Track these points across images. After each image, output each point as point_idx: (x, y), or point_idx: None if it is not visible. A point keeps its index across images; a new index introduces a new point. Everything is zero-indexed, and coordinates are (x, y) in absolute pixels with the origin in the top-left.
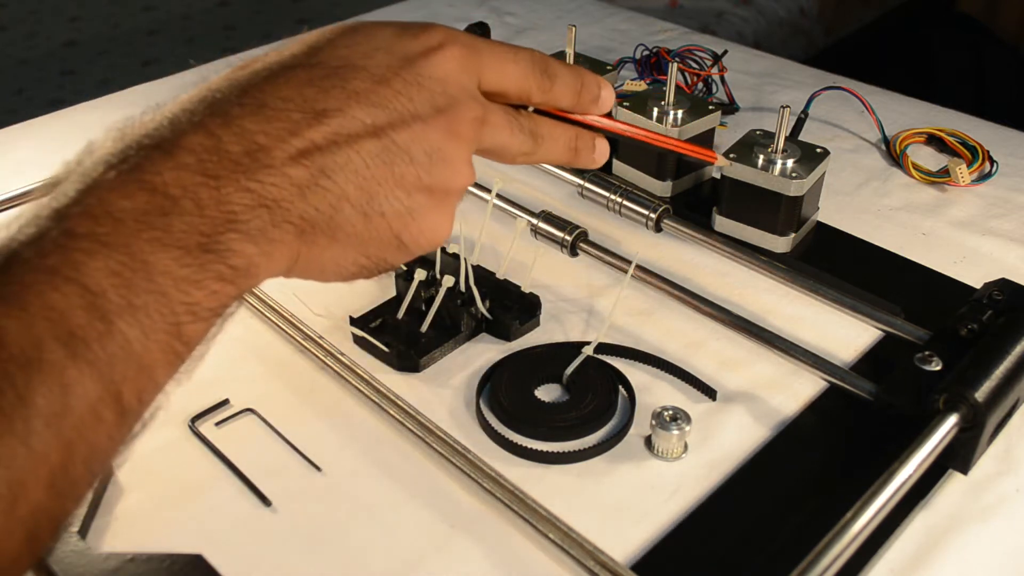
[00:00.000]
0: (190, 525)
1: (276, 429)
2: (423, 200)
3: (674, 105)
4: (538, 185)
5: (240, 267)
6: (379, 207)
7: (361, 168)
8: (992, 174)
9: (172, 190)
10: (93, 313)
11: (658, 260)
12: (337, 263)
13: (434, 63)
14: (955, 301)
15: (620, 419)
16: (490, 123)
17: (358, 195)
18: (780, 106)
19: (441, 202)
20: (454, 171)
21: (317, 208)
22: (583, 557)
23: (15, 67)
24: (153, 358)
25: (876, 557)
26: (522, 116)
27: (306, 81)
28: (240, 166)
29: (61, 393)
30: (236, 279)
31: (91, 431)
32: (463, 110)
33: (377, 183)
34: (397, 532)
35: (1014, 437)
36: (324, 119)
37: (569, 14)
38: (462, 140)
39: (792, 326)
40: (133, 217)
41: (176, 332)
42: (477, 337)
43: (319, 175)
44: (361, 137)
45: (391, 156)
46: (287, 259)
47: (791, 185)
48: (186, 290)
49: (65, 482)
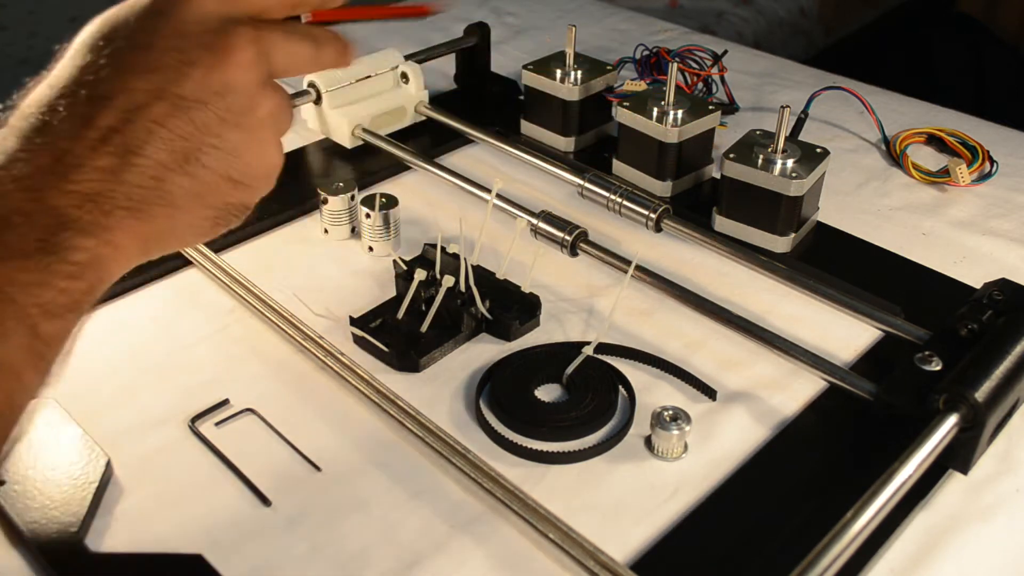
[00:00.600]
0: (190, 525)
1: (276, 429)
2: (235, 136)
3: (674, 105)
4: (538, 185)
5: (84, 261)
6: (198, 160)
7: (163, 133)
8: (992, 174)
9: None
10: None
11: (658, 260)
12: (189, 225)
13: (186, 6)
14: (955, 301)
15: (620, 419)
16: (266, 39)
17: (173, 159)
18: (780, 106)
19: (254, 132)
20: (250, 98)
21: (139, 185)
22: (583, 557)
23: (15, 67)
24: (15, 361)
25: (876, 557)
26: (291, 25)
27: (78, 79)
28: (54, 173)
29: None
30: (83, 274)
31: None
32: (232, 39)
33: (185, 139)
34: (397, 532)
35: (1014, 437)
36: (108, 102)
37: (569, 14)
38: (245, 67)
39: (792, 326)
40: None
41: (33, 333)
42: (477, 337)
43: (127, 155)
44: (149, 105)
45: (184, 110)
46: (135, 241)
47: (791, 185)
48: (34, 292)
49: None
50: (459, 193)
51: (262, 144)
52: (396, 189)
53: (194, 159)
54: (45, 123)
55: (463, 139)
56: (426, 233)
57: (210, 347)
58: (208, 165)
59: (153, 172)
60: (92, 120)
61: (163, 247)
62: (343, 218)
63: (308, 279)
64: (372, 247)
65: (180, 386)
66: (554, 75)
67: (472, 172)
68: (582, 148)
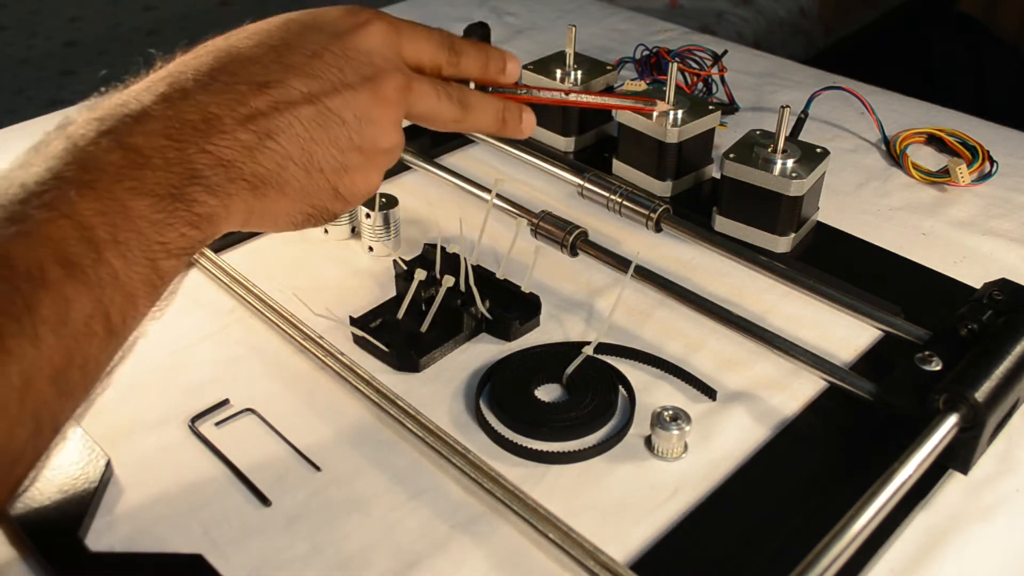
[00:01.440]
0: (190, 525)
1: (276, 429)
2: (355, 157)
3: (674, 105)
4: (538, 185)
5: (204, 215)
6: (318, 164)
7: (300, 131)
8: (992, 174)
9: (144, 149)
10: (86, 244)
11: (658, 260)
12: (287, 213)
13: (360, 38)
14: (955, 301)
15: (620, 419)
16: (415, 90)
17: (300, 154)
18: (780, 106)
19: (371, 159)
20: (381, 132)
21: (265, 167)
22: (583, 557)
23: (15, 67)
24: (135, 286)
25: (876, 557)
26: (451, 87)
27: (249, 60)
28: (198, 131)
29: (62, 306)
30: (201, 225)
31: (85, 341)
32: (387, 78)
33: (315, 143)
34: (397, 532)
35: (1014, 437)
36: (266, 89)
37: (569, 14)
38: (388, 104)
39: (792, 326)
40: (113, 169)
41: (153, 266)
42: (477, 337)
43: (265, 138)
44: (298, 104)
45: (325, 119)
46: (243, 211)
47: (791, 185)
48: (160, 231)
49: (65, 383)
50: (459, 193)
51: (371, 171)
52: (396, 189)
53: (316, 162)
54: (197, 86)
55: (463, 139)
56: (426, 233)
57: (210, 347)
58: (325, 171)
59: (280, 160)
60: (246, 100)
61: (260, 224)
62: (343, 218)
63: (308, 279)
64: (372, 247)
65: (180, 386)
66: (554, 75)
67: (472, 172)
68: (582, 148)
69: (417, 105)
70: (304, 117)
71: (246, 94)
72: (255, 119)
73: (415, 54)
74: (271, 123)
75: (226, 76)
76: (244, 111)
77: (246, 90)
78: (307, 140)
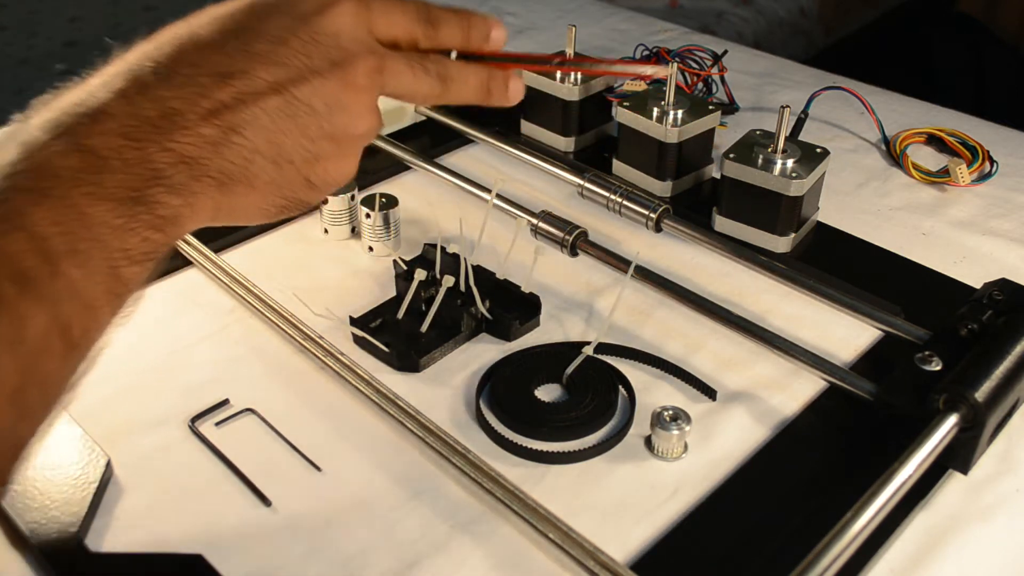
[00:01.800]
0: (190, 525)
1: (276, 429)
2: (327, 146)
3: (674, 105)
4: (538, 185)
5: (168, 216)
6: (288, 155)
7: (267, 123)
8: (992, 174)
9: (101, 151)
10: (40, 256)
11: (658, 260)
12: (258, 207)
13: (327, 20)
14: (955, 301)
15: (620, 419)
16: (389, 70)
17: (268, 147)
18: (780, 106)
19: (344, 146)
20: (353, 118)
21: (232, 161)
22: (583, 557)
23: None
24: (95, 297)
25: (876, 557)
26: (428, 60)
27: (212, 48)
28: (158, 129)
29: (16, 325)
30: (165, 227)
31: (43, 359)
32: (358, 62)
33: (283, 134)
34: (397, 532)
35: (1014, 437)
36: (230, 80)
37: (569, 14)
38: (359, 90)
39: (792, 326)
40: (70, 174)
41: (114, 274)
42: (477, 337)
43: (230, 132)
44: (265, 94)
45: (294, 109)
46: (210, 208)
47: (791, 185)
48: (121, 237)
49: (23, 403)
50: (459, 193)
51: (346, 157)
52: (396, 189)
53: (286, 154)
54: (157, 79)
55: (463, 139)
56: (426, 233)
57: (210, 347)
58: (295, 163)
59: (247, 154)
60: (209, 92)
61: (230, 219)
62: (343, 218)
63: (308, 279)
64: (372, 247)
65: (180, 386)
66: (554, 75)
67: (472, 172)
68: (582, 148)
69: (391, 85)
70: (271, 108)
71: (208, 86)
72: (219, 113)
73: (388, 29)
74: (236, 116)
75: (187, 68)
76: (207, 105)
77: (208, 82)
78: (275, 132)
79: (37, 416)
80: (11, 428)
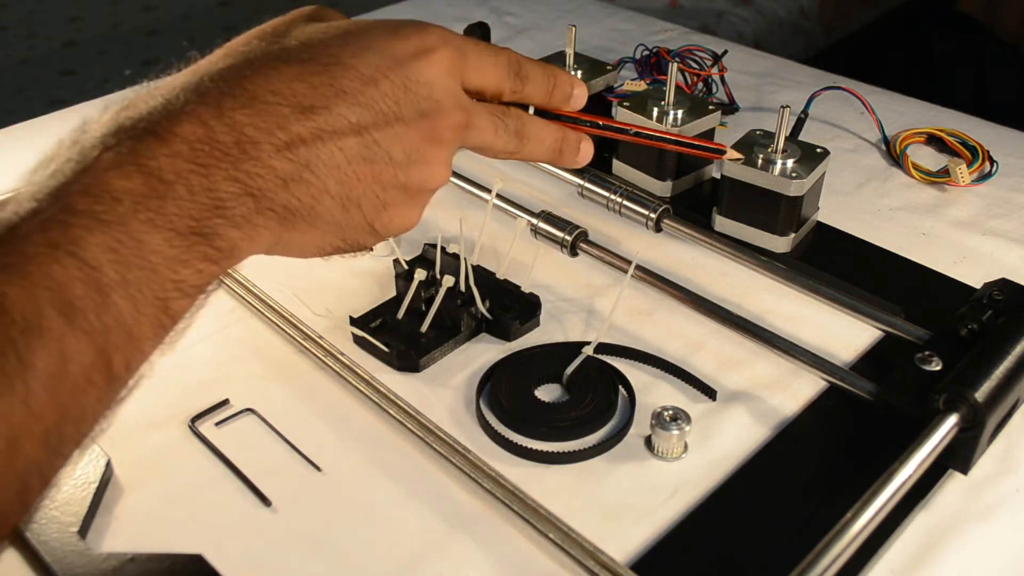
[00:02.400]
0: (190, 525)
1: (276, 429)
2: (397, 195)
3: (674, 105)
4: (538, 185)
5: (224, 249)
6: (356, 199)
7: (343, 164)
8: (992, 174)
9: (166, 175)
10: (90, 286)
11: (658, 260)
12: (316, 245)
13: (423, 67)
14: (955, 301)
15: (620, 419)
16: (473, 126)
17: (338, 188)
18: (780, 106)
19: (414, 197)
20: (431, 172)
21: (299, 198)
22: (583, 557)
23: (15, 67)
24: (142, 330)
25: (876, 557)
26: (509, 116)
27: (296, 76)
28: (229, 156)
29: (59, 359)
30: (220, 260)
31: (83, 394)
32: (446, 116)
33: (356, 178)
34: (397, 532)
35: (1014, 437)
36: (311, 115)
37: (569, 14)
38: (442, 144)
39: (792, 326)
40: (130, 198)
41: (164, 307)
42: (477, 337)
43: (303, 168)
44: (345, 134)
45: (372, 154)
46: (268, 241)
47: (791, 185)
48: (175, 268)
49: (57, 440)
50: (459, 193)
51: (413, 208)
52: None
53: (355, 198)
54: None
55: None
56: (426, 233)
57: (210, 347)
58: (363, 208)
59: (315, 192)
60: (288, 124)
61: (286, 252)
62: None
63: (308, 279)
64: (372, 247)
65: (180, 386)
66: None
67: (472, 172)
68: None
69: (472, 140)
70: (348, 149)
71: (288, 118)
72: (294, 147)
73: (479, 81)
74: (311, 152)
75: (269, 95)
76: (284, 137)
77: (289, 113)
78: (348, 174)
79: (69, 450)
80: (42, 464)
